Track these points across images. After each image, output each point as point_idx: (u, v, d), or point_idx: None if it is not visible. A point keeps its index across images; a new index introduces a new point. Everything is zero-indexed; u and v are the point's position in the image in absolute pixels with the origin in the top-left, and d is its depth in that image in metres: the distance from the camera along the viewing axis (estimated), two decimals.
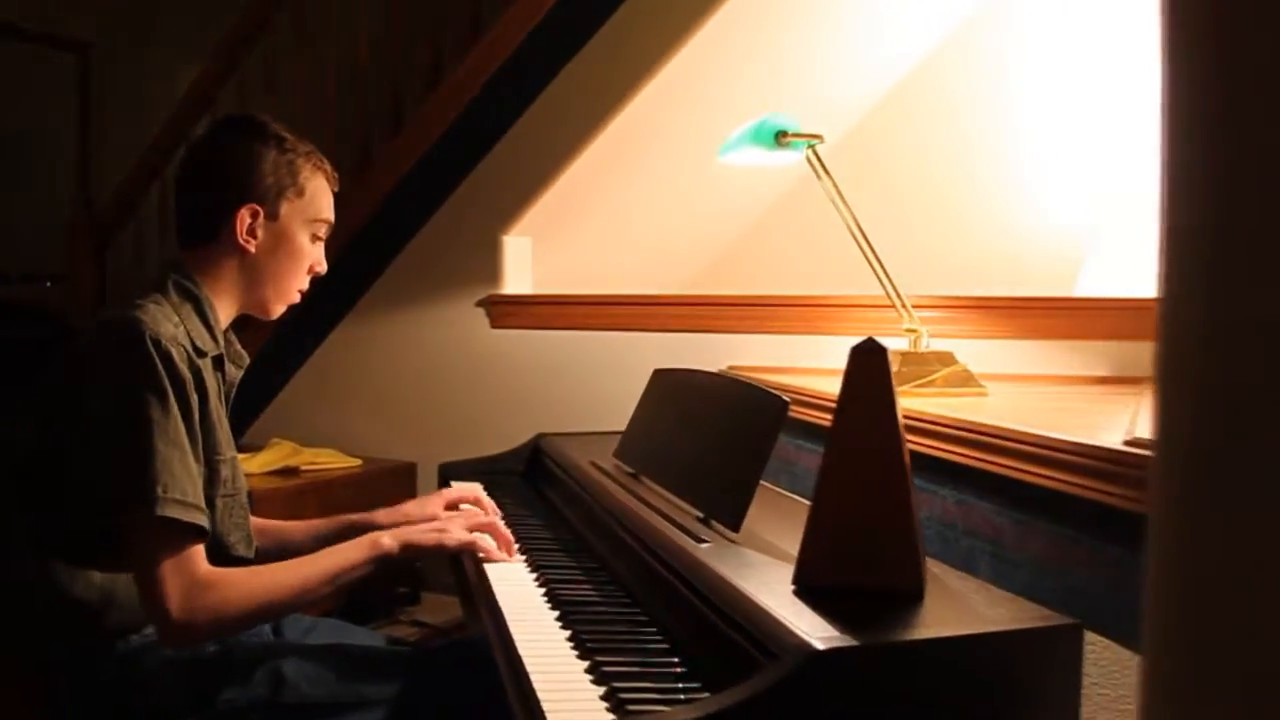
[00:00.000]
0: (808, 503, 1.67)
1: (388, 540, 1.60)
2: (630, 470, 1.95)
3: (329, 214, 1.66)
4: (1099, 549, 1.28)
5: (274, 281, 1.63)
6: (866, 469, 1.18)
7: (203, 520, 1.43)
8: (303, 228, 1.62)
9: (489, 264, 2.98)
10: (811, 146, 1.85)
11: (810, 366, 2.49)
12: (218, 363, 1.58)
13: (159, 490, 1.38)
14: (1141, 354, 2.27)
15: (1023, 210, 3.51)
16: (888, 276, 1.93)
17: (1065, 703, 1.08)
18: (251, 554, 1.65)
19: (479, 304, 3.00)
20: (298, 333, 3.04)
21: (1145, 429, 1.30)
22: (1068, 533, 1.34)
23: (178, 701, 1.48)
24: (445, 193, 3.03)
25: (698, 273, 3.77)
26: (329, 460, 2.89)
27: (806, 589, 1.17)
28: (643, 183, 3.23)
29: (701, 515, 1.54)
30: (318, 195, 1.64)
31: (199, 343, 1.52)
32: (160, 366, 1.42)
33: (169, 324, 1.47)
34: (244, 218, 1.57)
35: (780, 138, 1.81)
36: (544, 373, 2.94)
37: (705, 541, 1.40)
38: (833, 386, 2.02)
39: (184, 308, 1.54)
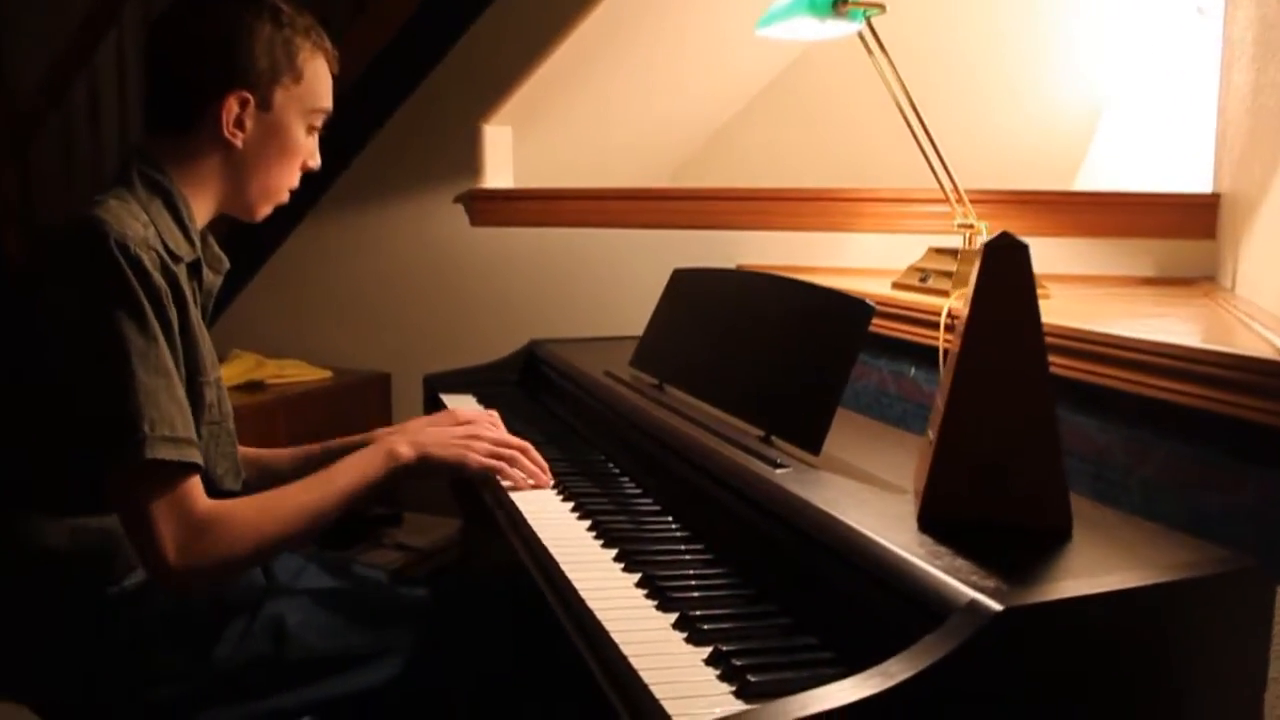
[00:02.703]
0: (870, 420, 1.50)
1: (405, 448, 1.38)
2: (654, 382, 1.76)
3: (328, 102, 1.40)
4: (1236, 470, 1.13)
5: (262, 179, 1.38)
6: (1005, 386, 1.00)
7: (197, 456, 1.21)
8: (298, 119, 1.37)
9: (467, 156, 2.71)
10: (869, 16, 1.62)
11: (830, 266, 2.30)
12: (194, 269, 1.33)
13: (145, 428, 1.15)
14: (1186, 253, 2.11)
15: (1021, 107, 3.33)
16: (944, 165, 1.73)
17: (1256, 653, 0.92)
18: (239, 486, 1.43)
19: (457, 199, 2.74)
20: (254, 231, 2.75)
21: None
22: (1193, 452, 1.18)
23: (168, 662, 1.27)
24: (418, 78, 2.74)
25: (680, 164, 3.53)
26: (296, 372, 2.65)
27: (935, 527, 0.99)
28: (629, 68, 2.96)
29: (763, 434, 1.35)
30: (317, 80, 1.38)
31: (172, 245, 1.27)
32: (131, 276, 1.18)
33: (136, 224, 1.22)
34: (231, 107, 1.31)
35: (838, 6, 1.57)
36: (530, 274, 2.71)
37: (782, 466, 1.21)
38: (876, 287, 1.84)
39: (153, 204, 1.29)
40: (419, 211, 2.78)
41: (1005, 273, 1.00)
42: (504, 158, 2.80)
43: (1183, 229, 2.10)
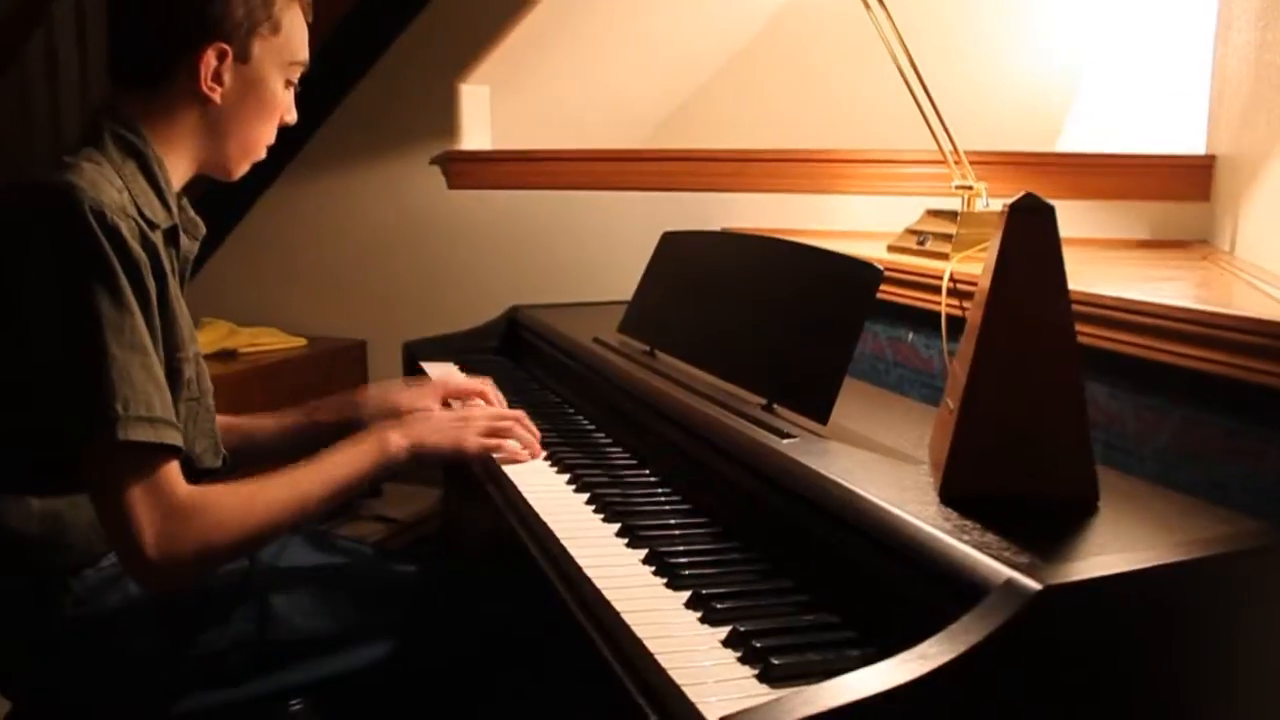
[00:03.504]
0: (870, 387, 1.46)
1: (398, 439, 1.33)
2: (645, 348, 1.71)
3: (305, 54, 1.33)
4: (1256, 437, 1.09)
5: (241, 136, 1.30)
6: (1031, 353, 0.95)
7: (175, 438, 1.14)
8: (277, 71, 1.29)
9: (444, 116, 2.63)
10: None
11: (819, 229, 2.25)
12: (171, 236, 1.26)
13: (118, 408, 1.08)
14: (1179, 215, 2.08)
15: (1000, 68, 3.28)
16: (944, 125, 1.68)
17: None
18: (219, 464, 1.37)
19: (433, 161, 2.66)
20: (223, 195, 2.66)
21: None
22: (1210, 419, 1.15)
23: (146, 648, 1.22)
24: (391, 36, 2.65)
25: (659, 124, 3.46)
26: (270, 341, 2.57)
27: (957, 500, 0.95)
28: (608, 25, 2.88)
29: (765, 403, 1.31)
30: (294, 31, 1.31)
31: (149, 212, 1.20)
32: (108, 246, 1.10)
33: (111, 189, 1.15)
34: (209, 60, 1.23)
35: None
36: (510, 238, 2.64)
37: (789, 436, 1.17)
38: (868, 250, 1.79)
39: (126, 166, 1.21)
40: (394, 174, 2.70)
41: (1031, 236, 0.96)
42: (481, 118, 2.72)
43: (1176, 191, 2.07)
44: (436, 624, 1.35)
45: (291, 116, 1.37)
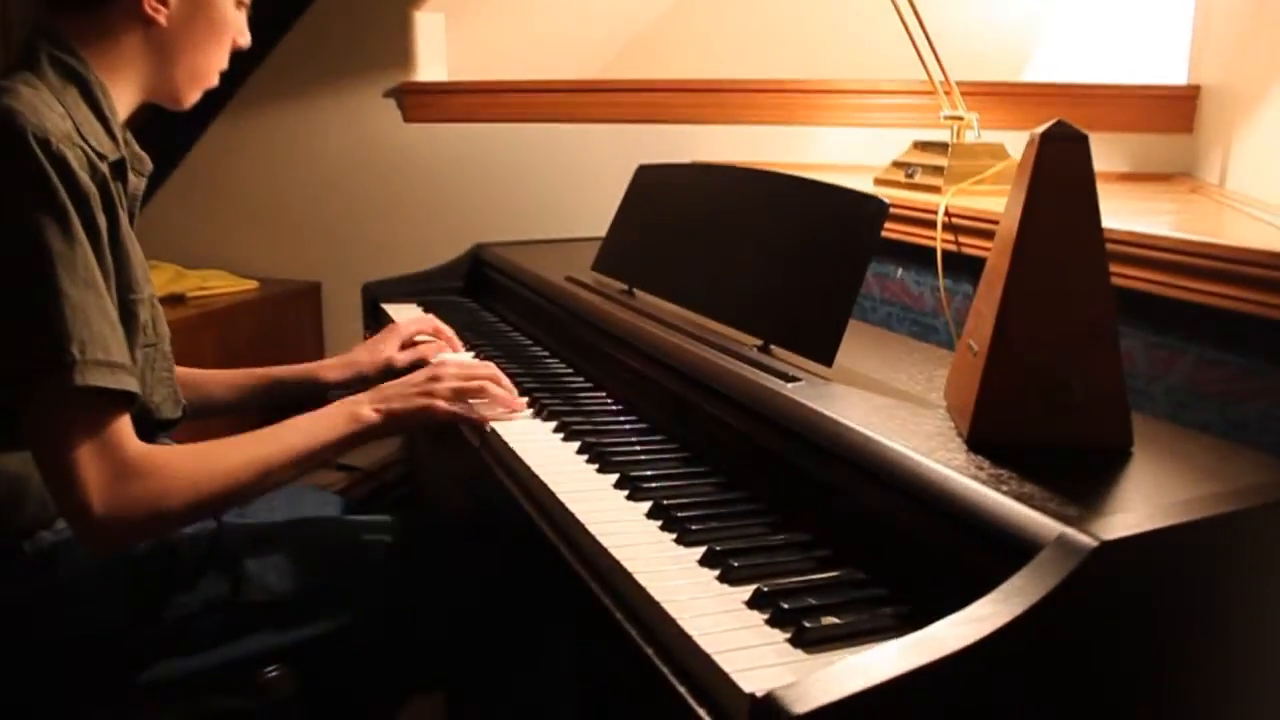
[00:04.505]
0: (862, 324, 1.41)
1: (369, 410, 1.25)
2: (623, 287, 1.64)
3: None
4: (1275, 375, 1.06)
5: (190, 61, 1.20)
6: (1065, 292, 0.90)
7: (132, 384, 1.05)
8: None
9: (398, 46, 2.50)
10: None
11: (794, 161, 2.17)
12: (118, 170, 1.15)
13: (74, 350, 0.99)
14: (1160, 148, 2.04)
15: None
16: (935, 53, 1.61)
17: None
18: (178, 414, 1.28)
19: (388, 94, 2.53)
20: (163, 128, 2.52)
21: None
22: (1225, 357, 1.11)
23: (111, 613, 1.13)
24: None
25: (621, 52, 3.34)
26: (220, 284, 2.45)
27: (987, 447, 0.90)
28: None
29: (761, 344, 1.25)
30: None
31: (94, 142, 1.09)
32: (55, 177, 1.00)
33: (54, 115, 1.04)
34: None
35: None
36: (470, 173, 2.53)
37: (794, 379, 1.11)
38: (850, 184, 1.73)
39: (67, 93, 1.10)
40: (346, 107, 2.56)
41: (1063, 167, 0.90)
42: (437, 48, 2.59)
43: (1159, 123, 2.02)
44: (424, 581, 1.28)
45: (245, 40, 1.27)
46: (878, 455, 0.90)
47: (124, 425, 1.05)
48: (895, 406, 1.03)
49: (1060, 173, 0.90)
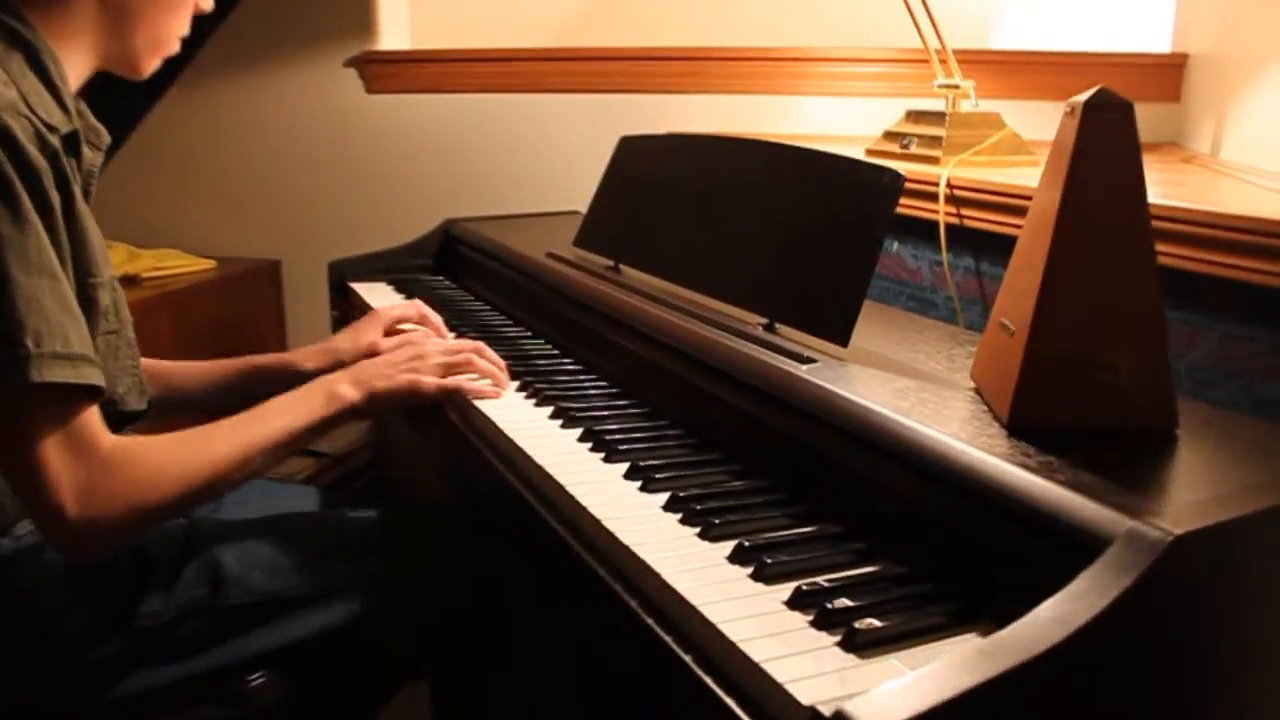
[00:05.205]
0: (869, 302, 1.36)
1: (348, 388, 1.18)
2: (609, 263, 1.57)
3: None
4: None
5: (149, 27, 1.11)
6: (1109, 268, 0.85)
7: (96, 376, 0.97)
8: None
9: (359, 13, 2.39)
10: None
11: (776, 132, 2.12)
12: (71, 144, 1.06)
13: (29, 343, 0.91)
14: (1144, 116, 2.00)
15: None
16: (931, 19, 1.56)
17: None
18: (144, 405, 1.19)
19: (349, 63, 2.43)
20: (112, 100, 2.40)
21: None
22: (1252, 333, 1.08)
23: (77, 625, 1.05)
24: None
25: (587, 23, 3.25)
26: (176, 264, 2.34)
27: (1028, 432, 0.85)
28: None
29: (766, 323, 1.19)
30: None
31: (43, 113, 1.00)
32: (1, 152, 0.91)
33: None
34: None
35: None
36: (435, 146, 2.44)
37: (809, 360, 1.05)
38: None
39: (12, 60, 1.01)
40: (305, 77, 2.45)
41: (1109, 137, 0.85)
42: (399, 15, 2.49)
43: (1145, 91, 1.98)
44: (414, 576, 1.21)
45: (207, 4, 1.19)
46: (915, 443, 0.85)
47: (92, 418, 0.98)
48: (920, 388, 0.98)
49: (1105, 143, 0.85)
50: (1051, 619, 0.63)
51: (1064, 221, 0.85)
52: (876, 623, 0.73)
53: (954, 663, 0.60)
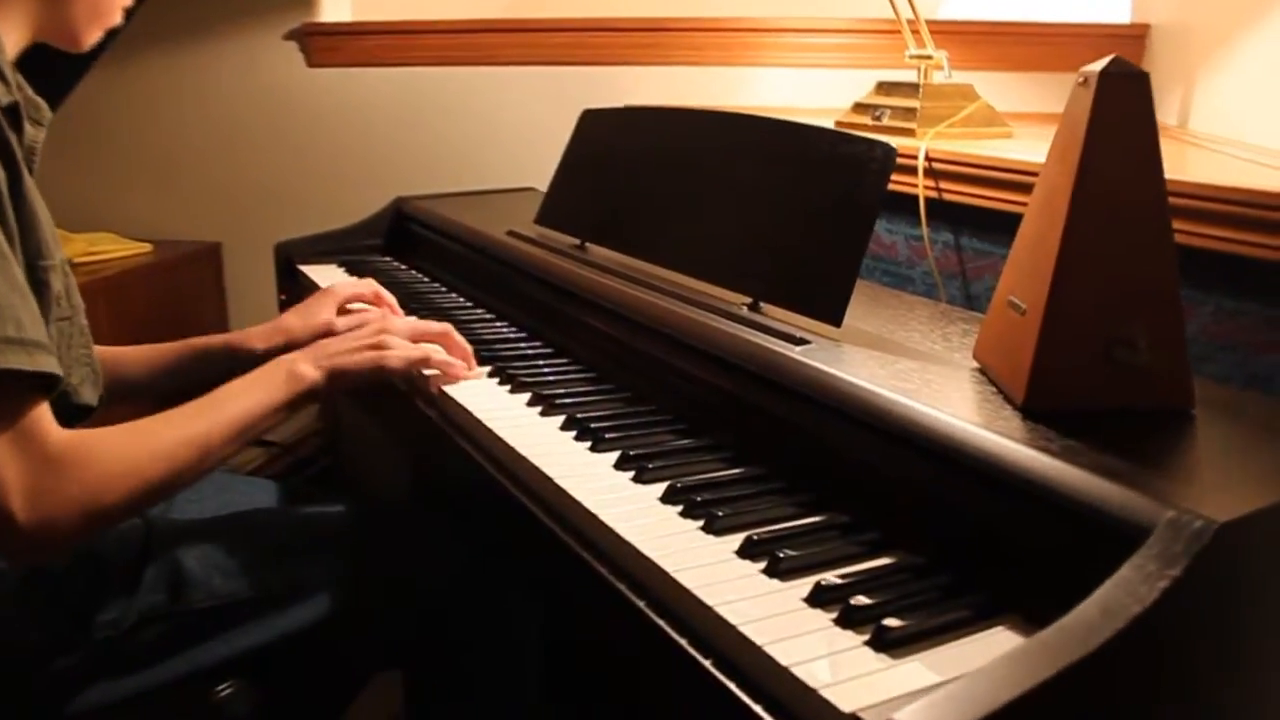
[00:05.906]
0: (860, 281, 1.33)
1: (308, 368, 1.11)
2: (575, 242, 1.52)
3: None
4: None
5: None
6: (1126, 244, 0.82)
7: (52, 364, 0.89)
8: None
9: None
10: None
11: (737, 105, 2.07)
12: (13, 118, 0.98)
13: None
14: None
15: None
16: None
17: None
18: (97, 400, 1.12)
19: (289, 36, 2.32)
20: (35, 76, 2.27)
21: None
22: (1245, 306, 1.06)
23: (27, 636, 0.98)
24: None
25: None
26: (110, 248, 2.23)
27: (1044, 415, 0.82)
28: None
29: (751, 302, 1.15)
30: None
31: None
32: None
33: None
34: None
35: None
36: (381, 122, 2.36)
37: (803, 342, 1.02)
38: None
39: None
40: (242, 50, 2.35)
41: (1125, 107, 0.82)
42: None
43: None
44: (385, 571, 1.15)
45: None
46: (927, 428, 0.81)
47: (43, 413, 0.90)
48: (921, 370, 0.95)
49: (1120, 113, 0.82)
50: (1100, 613, 0.60)
51: (1080, 196, 0.82)
52: (903, 620, 0.70)
53: (1009, 663, 0.57)
